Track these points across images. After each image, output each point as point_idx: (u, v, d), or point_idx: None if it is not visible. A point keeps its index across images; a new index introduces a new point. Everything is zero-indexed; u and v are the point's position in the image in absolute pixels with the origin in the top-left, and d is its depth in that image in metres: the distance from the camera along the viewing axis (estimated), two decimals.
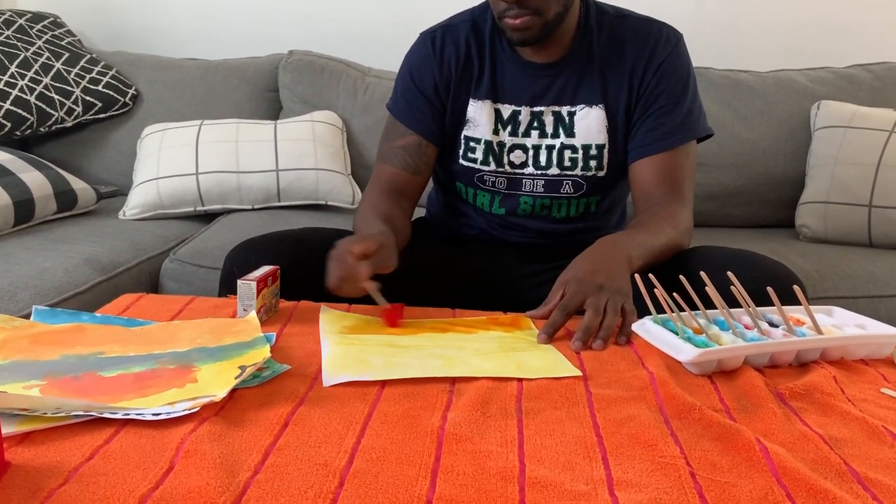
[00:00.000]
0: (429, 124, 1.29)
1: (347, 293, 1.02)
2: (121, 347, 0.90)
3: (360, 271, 0.99)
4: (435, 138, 1.30)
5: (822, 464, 0.67)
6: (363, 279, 1.00)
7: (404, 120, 1.30)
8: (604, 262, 1.07)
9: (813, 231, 1.89)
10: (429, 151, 1.30)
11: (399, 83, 1.34)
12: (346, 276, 0.99)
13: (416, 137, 1.29)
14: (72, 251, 1.61)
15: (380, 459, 0.66)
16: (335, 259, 1.01)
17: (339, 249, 1.01)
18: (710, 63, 2.16)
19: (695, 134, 1.26)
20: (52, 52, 2.23)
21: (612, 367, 0.89)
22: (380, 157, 1.33)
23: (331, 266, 1.01)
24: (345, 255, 1.00)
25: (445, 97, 1.29)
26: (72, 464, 0.63)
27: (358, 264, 0.99)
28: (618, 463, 0.66)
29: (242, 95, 2.27)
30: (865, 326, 0.99)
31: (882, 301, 1.58)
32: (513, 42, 1.21)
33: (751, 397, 0.81)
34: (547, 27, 1.17)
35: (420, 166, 1.30)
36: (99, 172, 2.23)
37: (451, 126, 1.30)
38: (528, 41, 1.18)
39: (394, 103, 1.34)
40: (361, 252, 1.00)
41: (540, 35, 1.18)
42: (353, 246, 1.01)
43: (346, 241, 1.03)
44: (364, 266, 0.99)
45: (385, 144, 1.33)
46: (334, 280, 1.00)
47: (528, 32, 1.16)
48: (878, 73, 2.10)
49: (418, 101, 1.29)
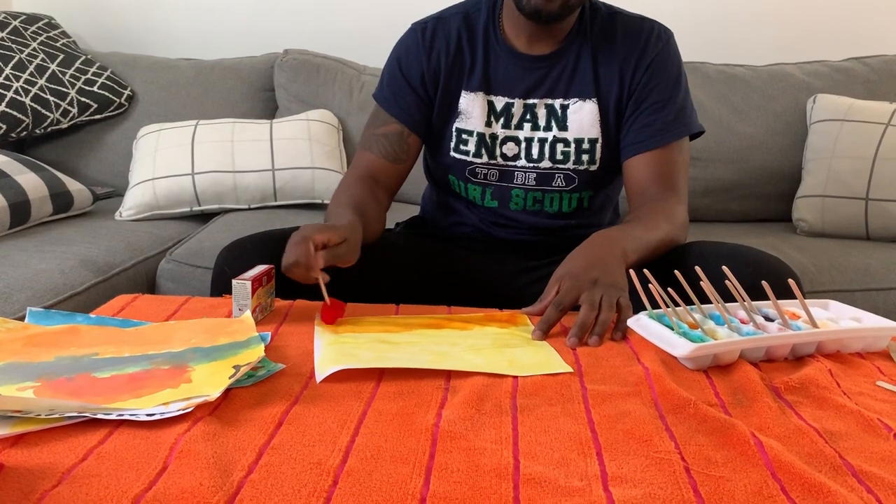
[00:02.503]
0: (412, 114, 1.29)
1: (297, 277, 1.00)
2: (115, 348, 0.89)
3: (315, 260, 0.98)
4: (418, 128, 1.30)
5: (817, 457, 0.67)
6: (316, 269, 0.99)
7: (388, 108, 1.30)
8: (599, 257, 1.07)
9: (810, 225, 1.89)
10: (410, 141, 1.30)
11: (386, 72, 1.33)
12: (301, 261, 0.98)
13: (398, 126, 1.29)
14: (68, 252, 1.60)
15: (374, 458, 0.66)
16: (294, 242, 0.99)
17: (301, 233, 1.00)
18: (705, 58, 2.16)
19: (687, 130, 1.26)
20: (48, 53, 2.23)
21: (607, 363, 0.89)
22: (361, 143, 1.33)
23: (288, 246, 1.00)
24: (306, 239, 0.98)
25: (433, 89, 1.29)
26: (65, 465, 0.63)
27: (315, 254, 0.98)
28: (612, 458, 0.66)
29: (238, 95, 2.27)
30: (861, 319, 0.98)
31: (879, 294, 1.58)
32: (527, 10, 1.17)
33: (746, 391, 0.80)
34: (566, 8, 1.16)
35: (400, 155, 1.30)
36: (95, 174, 2.23)
37: (442, 118, 1.29)
38: (544, 12, 1.16)
39: (379, 91, 1.33)
40: (323, 241, 0.99)
41: (559, 11, 1.16)
42: (316, 234, 0.99)
43: (310, 227, 1.02)
44: (320, 256, 0.98)
45: (367, 132, 1.33)
46: (288, 261, 0.99)
47: (550, 4, 1.15)
48: (873, 67, 2.10)
49: (403, 91, 1.29)
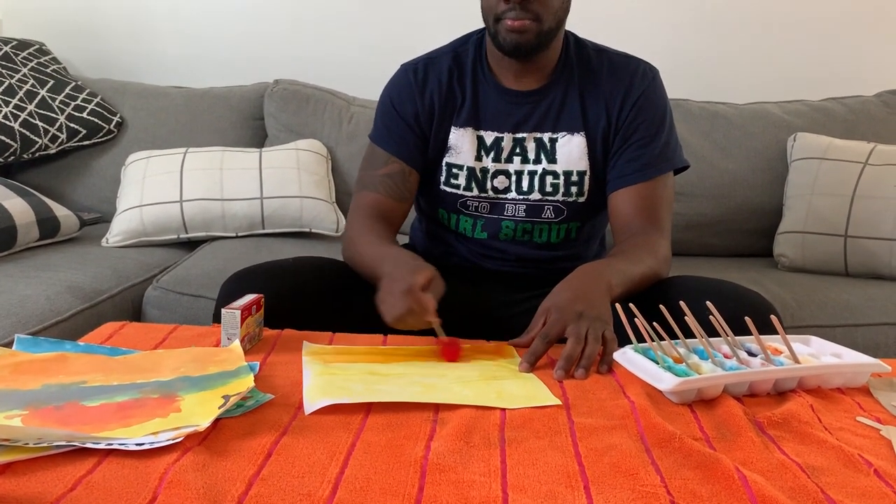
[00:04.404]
0: (411, 151, 1.30)
1: (411, 326, 1.02)
2: (104, 376, 0.89)
3: (429, 304, 1.00)
4: (417, 165, 1.31)
5: (800, 492, 0.68)
6: (432, 312, 1.00)
7: (387, 147, 1.31)
8: (584, 289, 1.08)
9: (791, 260, 1.92)
10: (412, 179, 1.31)
11: (380, 112, 1.35)
12: (415, 309, 0.99)
13: (399, 165, 1.30)
14: (54, 279, 1.60)
15: (363, 490, 0.66)
16: (401, 293, 1.00)
17: (403, 283, 1.01)
18: (688, 95, 2.20)
19: (672, 165, 1.29)
20: (37, 79, 2.23)
21: (593, 396, 0.90)
22: (362, 185, 1.33)
23: (393, 299, 1.01)
24: (412, 288, 1.00)
25: (427, 127, 1.30)
26: (54, 495, 0.63)
27: (425, 297, 1.00)
28: (599, 492, 0.67)
29: (227, 123, 2.28)
30: (841, 355, 1.00)
31: (858, 330, 1.61)
32: (506, 47, 1.20)
33: (730, 426, 0.82)
34: (541, 37, 1.19)
35: (405, 194, 1.31)
36: (82, 199, 2.23)
37: (435, 153, 1.31)
38: (523, 46, 1.19)
39: (375, 131, 1.34)
40: (424, 285, 1.01)
41: (535, 43, 1.19)
42: (417, 279, 1.01)
43: (401, 273, 1.03)
44: (430, 298, 1.00)
45: (368, 172, 1.33)
46: (400, 312, 1.00)
47: (524, 36, 1.18)
48: (851, 107, 2.15)
49: (400, 129, 1.30)
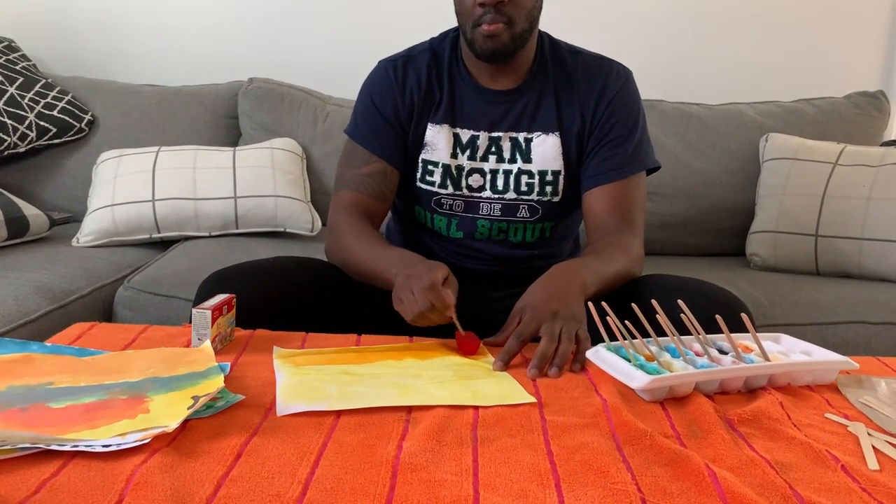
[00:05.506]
0: (392, 150, 1.30)
1: (432, 322, 1.05)
2: (71, 378, 0.88)
3: (450, 299, 1.03)
4: (398, 164, 1.31)
5: (769, 488, 0.69)
6: (452, 307, 1.03)
7: (367, 145, 1.30)
8: (558, 289, 1.08)
9: (763, 259, 1.95)
10: (393, 177, 1.31)
11: (359, 108, 1.33)
12: (437, 304, 1.02)
13: (381, 164, 1.29)
14: (22, 279, 1.57)
15: (334, 490, 0.65)
16: (422, 290, 1.02)
17: (425, 280, 1.03)
18: (662, 96, 2.22)
19: (644, 165, 1.30)
20: (6, 76, 2.19)
21: (566, 394, 0.90)
22: (342, 183, 1.32)
23: (414, 297, 1.03)
24: (434, 284, 1.02)
25: (407, 123, 1.30)
26: (17, 498, 0.62)
27: (446, 292, 1.02)
28: (570, 490, 0.67)
29: (201, 122, 2.26)
30: (811, 353, 1.02)
31: (828, 328, 1.63)
32: (482, 54, 1.22)
33: (701, 423, 0.82)
34: (516, 39, 1.20)
35: (385, 193, 1.31)
36: (53, 199, 2.19)
37: (412, 149, 1.31)
38: (498, 51, 1.20)
39: (354, 128, 1.33)
40: (442, 281, 1.03)
41: (511, 47, 1.20)
42: (436, 275, 1.03)
43: (420, 270, 1.06)
44: (450, 294, 1.03)
45: (348, 171, 1.31)
46: (421, 308, 1.02)
47: (498, 41, 1.19)
48: (821, 108, 2.18)
49: (380, 126, 1.30)
